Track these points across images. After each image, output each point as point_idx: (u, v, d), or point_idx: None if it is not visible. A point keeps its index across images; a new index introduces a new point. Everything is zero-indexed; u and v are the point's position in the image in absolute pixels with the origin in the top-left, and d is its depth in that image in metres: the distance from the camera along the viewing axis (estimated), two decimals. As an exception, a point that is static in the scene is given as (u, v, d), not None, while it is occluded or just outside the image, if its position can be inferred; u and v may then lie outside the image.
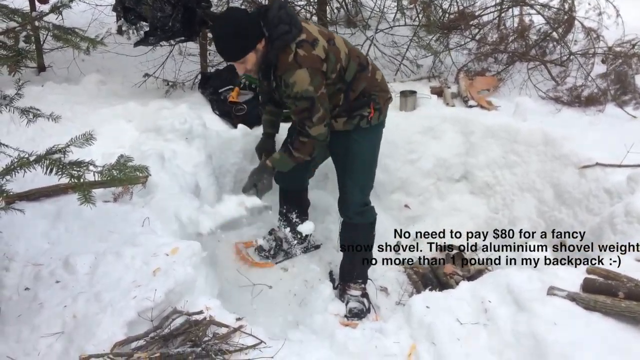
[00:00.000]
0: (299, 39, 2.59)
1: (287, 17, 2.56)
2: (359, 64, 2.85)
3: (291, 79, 2.59)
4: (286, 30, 2.54)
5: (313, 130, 2.72)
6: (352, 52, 2.84)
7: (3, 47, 2.11)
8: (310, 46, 2.60)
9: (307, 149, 2.81)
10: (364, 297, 3.19)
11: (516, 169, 3.80)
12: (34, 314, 2.21)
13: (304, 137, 2.76)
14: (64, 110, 3.58)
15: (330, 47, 2.69)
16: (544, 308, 2.14)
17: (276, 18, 2.54)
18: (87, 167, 1.73)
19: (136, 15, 4.07)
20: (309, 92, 2.61)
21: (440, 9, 5.39)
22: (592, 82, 4.50)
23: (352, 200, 3.05)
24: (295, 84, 2.59)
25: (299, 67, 2.57)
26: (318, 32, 2.70)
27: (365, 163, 3.03)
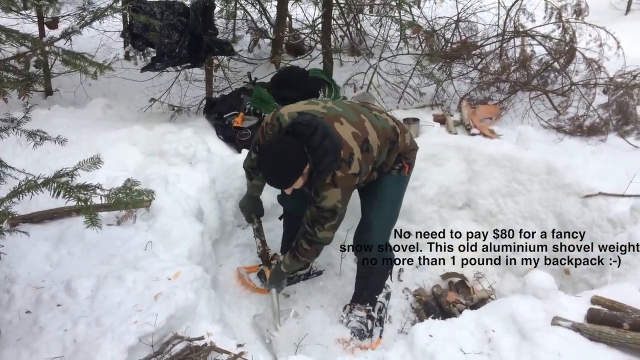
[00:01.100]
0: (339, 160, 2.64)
1: (332, 147, 2.58)
2: (390, 144, 2.89)
3: (324, 193, 2.65)
4: (332, 160, 2.58)
5: (321, 234, 2.78)
6: (382, 137, 2.83)
7: (13, 71, 2.14)
8: (347, 165, 2.62)
9: (311, 254, 2.92)
10: (368, 319, 3.18)
11: (519, 197, 3.80)
12: (34, 338, 2.19)
13: (307, 244, 2.84)
14: (69, 133, 3.61)
15: (364, 154, 2.70)
16: (549, 338, 2.12)
17: (322, 149, 2.56)
18: (94, 190, 1.73)
19: (144, 42, 4.14)
20: (336, 208, 2.69)
21: (442, 39, 5.47)
22: (594, 112, 4.53)
23: (377, 236, 3.07)
24: (326, 198, 2.66)
25: (334, 186, 2.63)
26: (352, 138, 2.68)
27: (394, 205, 3.12)
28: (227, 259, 3.65)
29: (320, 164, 2.58)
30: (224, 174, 3.72)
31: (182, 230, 2.95)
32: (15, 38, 2.13)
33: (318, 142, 2.56)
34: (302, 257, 2.92)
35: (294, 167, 2.60)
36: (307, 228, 2.80)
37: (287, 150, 2.60)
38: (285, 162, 2.60)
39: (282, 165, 2.60)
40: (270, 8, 6.32)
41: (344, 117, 2.75)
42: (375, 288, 3.27)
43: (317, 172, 2.61)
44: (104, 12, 1.93)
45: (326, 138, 2.57)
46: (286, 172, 2.62)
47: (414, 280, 3.81)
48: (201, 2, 4.17)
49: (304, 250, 2.87)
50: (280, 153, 2.60)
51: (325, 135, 2.57)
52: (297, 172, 2.61)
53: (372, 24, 6.35)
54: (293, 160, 2.59)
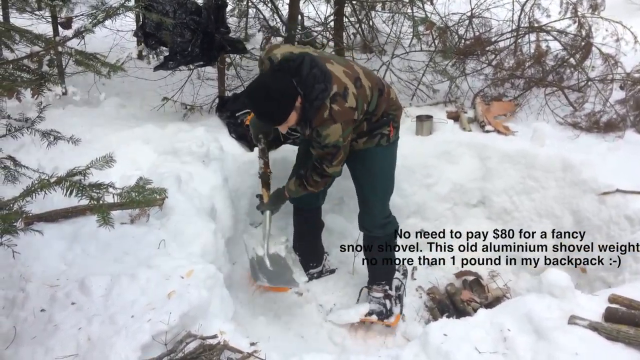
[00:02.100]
0: (332, 92, 2.64)
1: (322, 75, 2.60)
2: (378, 90, 2.91)
3: (325, 132, 2.67)
4: (322, 88, 2.59)
5: (330, 169, 2.82)
6: (372, 81, 2.89)
7: (27, 71, 2.15)
8: (342, 99, 2.65)
9: (320, 185, 2.95)
10: (386, 299, 3.26)
11: (534, 194, 3.76)
12: (48, 336, 2.20)
13: (318, 176, 2.88)
14: (83, 132, 3.63)
15: (358, 90, 2.74)
16: (565, 337, 2.09)
17: (311, 77, 2.57)
18: (107, 189, 1.74)
19: (156, 41, 4.14)
20: (338, 142, 2.71)
21: (456, 35, 5.42)
22: (611, 108, 4.46)
23: (376, 214, 3.16)
24: (328, 136, 2.68)
25: (334, 121, 2.65)
26: (344, 75, 2.73)
27: (386, 177, 3.15)
28: (240, 257, 3.65)
29: (311, 92, 2.58)
30: (236, 172, 3.73)
31: (195, 229, 2.95)
32: (29, 38, 2.14)
33: (306, 72, 2.57)
34: (310, 187, 2.95)
35: (285, 100, 2.60)
36: (316, 164, 2.84)
37: (275, 83, 2.60)
38: (275, 96, 2.59)
39: (273, 99, 2.60)
40: (282, 6, 6.29)
41: (334, 59, 2.82)
42: (387, 261, 3.31)
43: (309, 102, 2.61)
44: (116, 10, 1.93)
45: (314, 67, 2.59)
46: (277, 106, 2.61)
47: (427, 278, 3.79)
48: (213, 1, 4.17)
49: (313, 181, 2.91)
50: (270, 87, 2.60)
51: (313, 65, 2.59)
52: (288, 105, 2.61)
53: (384, 21, 6.30)
54: (283, 93, 2.59)
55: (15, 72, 2.08)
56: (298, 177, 3.00)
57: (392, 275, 3.35)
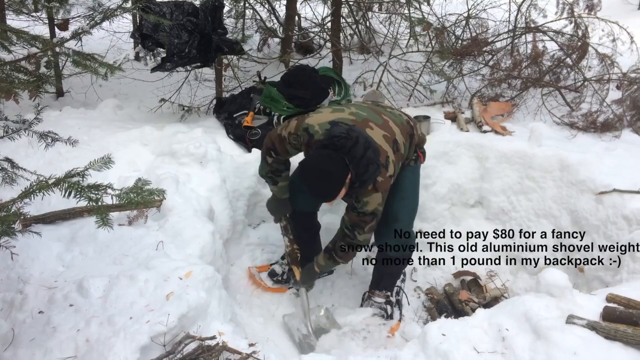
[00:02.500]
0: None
1: (374, 156, 2.61)
2: (409, 138, 2.97)
3: (365, 199, 2.72)
4: (375, 169, 2.62)
5: (361, 237, 2.85)
6: (404, 132, 2.93)
7: (24, 72, 2.15)
8: (385, 169, 2.70)
9: (349, 256, 3.03)
10: (387, 305, 3.28)
11: (532, 194, 3.76)
12: (47, 338, 2.20)
13: (347, 246, 2.92)
14: (80, 134, 3.64)
15: (396, 154, 2.80)
16: (564, 337, 2.09)
17: (365, 160, 2.58)
18: (105, 190, 1.73)
19: (154, 42, 4.14)
20: (377, 211, 2.76)
21: (453, 36, 5.44)
22: (608, 108, 4.47)
23: (402, 230, 3.13)
24: (368, 203, 2.72)
25: (376, 191, 2.70)
26: (384, 140, 2.76)
27: (415, 194, 3.21)
28: (238, 259, 3.65)
29: (364, 174, 2.60)
30: (234, 174, 3.72)
31: (193, 230, 2.95)
32: (26, 39, 2.14)
33: (361, 154, 2.57)
34: (339, 259, 3.01)
35: (339, 180, 2.61)
36: (347, 232, 2.87)
37: (331, 164, 2.60)
38: (330, 176, 2.61)
39: (327, 179, 2.62)
40: (279, 7, 6.31)
41: (372, 121, 2.82)
42: (395, 274, 3.36)
43: (360, 182, 2.63)
44: (114, 12, 1.93)
45: (368, 149, 2.60)
46: (331, 185, 2.63)
47: (426, 278, 3.79)
48: (210, 2, 4.17)
49: (342, 252, 2.96)
50: (325, 167, 2.60)
51: (367, 146, 2.60)
52: (341, 185, 2.63)
53: (381, 22, 6.32)
54: (337, 173, 2.60)
55: (12, 73, 2.08)
56: (326, 251, 3.06)
57: (395, 284, 3.37)
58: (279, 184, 3.18)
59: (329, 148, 2.61)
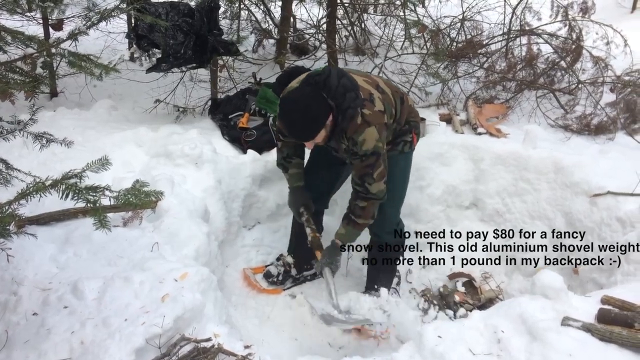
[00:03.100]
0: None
1: (350, 84, 2.59)
2: (399, 98, 2.93)
3: (361, 137, 2.65)
4: (354, 97, 2.58)
5: (373, 187, 2.77)
6: (391, 88, 2.93)
7: (20, 73, 2.14)
8: (370, 103, 2.66)
9: (369, 212, 2.87)
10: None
11: (526, 196, 3.78)
12: (41, 340, 2.19)
13: (363, 201, 2.82)
14: (75, 135, 3.61)
15: (382, 95, 2.77)
16: (559, 339, 2.10)
17: (341, 87, 2.56)
18: (103, 192, 1.73)
19: (149, 42, 4.12)
20: (377, 148, 2.68)
21: (448, 38, 5.45)
22: (602, 111, 4.50)
23: (388, 220, 3.16)
24: (365, 141, 2.65)
25: (368, 125, 2.64)
26: (365, 83, 2.76)
27: (403, 184, 3.18)
28: (233, 260, 3.64)
29: (343, 102, 2.56)
30: (229, 175, 3.71)
31: (188, 231, 2.94)
32: (21, 40, 2.13)
33: (336, 82, 2.55)
34: (359, 220, 2.87)
35: (318, 114, 2.57)
36: (358, 188, 2.81)
37: (308, 97, 2.56)
38: (308, 110, 2.55)
39: (305, 112, 2.56)
40: (274, 8, 6.30)
41: (352, 72, 2.80)
42: (389, 273, 3.35)
43: (342, 113, 2.58)
44: (110, 12, 1.92)
45: (342, 77, 2.58)
46: (309, 120, 2.58)
47: (420, 280, 3.79)
48: (206, 3, 4.16)
49: (360, 209, 2.84)
50: (302, 100, 2.56)
51: (341, 75, 2.58)
52: (320, 120, 2.58)
53: (376, 24, 6.32)
54: (316, 107, 2.56)
55: (7, 74, 2.06)
56: (344, 219, 2.95)
57: (390, 284, 3.35)
58: (290, 170, 3.12)
59: (304, 85, 2.61)
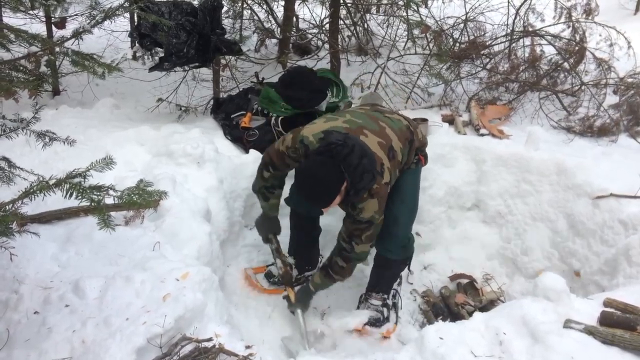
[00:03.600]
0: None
1: (369, 165, 2.59)
2: (408, 144, 2.94)
3: (360, 205, 2.69)
4: (370, 178, 2.60)
5: (359, 248, 2.80)
6: (402, 138, 2.90)
7: (23, 71, 2.13)
8: (380, 176, 2.68)
9: (346, 272, 2.94)
10: (383, 307, 3.26)
11: (528, 198, 3.77)
12: (42, 339, 2.18)
13: (343, 261, 2.86)
14: (77, 133, 3.61)
15: (391, 162, 2.77)
16: (561, 341, 2.09)
17: (360, 168, 2.55)
18: (107, 191, 1.72)
19: (152, 41, 4.12)
20: (373, 219, 2.72)
21: (451, 39, 5.44)
22: (605, 113, 4.49)
23: (401, 235, 3.13)
24: (363, 210, 2.69)
25: (371, 197, 2.68)
26: (379, 147, 2.73)
27: (415, 197, 3.19)
28: (234, 260, 3.64)
29: (360, 182, 2.58)
30: (231, 174, 3.71)
31: (190, 231, 2.94)
32: (25, 38, 2.13)
33: (356, 162, 2.54)
34: (336, 275, 2.94)
35: (334, 187, 2.58)
36: (343, 244, 2.83)
37: (325, 170, 2.57)
38: (324, 182, 2.58)
39: (322, 185, 2.59)
40: (277, 8, 6.30)
41: (366, 128, 2.79)
42: (393, 278, 3.35)
43: (355, 190, 2.61)
44: (115, 11, 1.92)
45: (364, 157, 2.57)
46: (326, 192, 2.60)
47: (422, 281, 3.79)
48: (209, 2, 4.16)
49: (339, 267, 2.90)
50: (319, 173, 2.58)
51: (363, 155, 2.58)
52: (336, 192, 2.60)
53: (379, 24, 6.32)
54: (332, 180, 2.57)
55: (11, 72, 2.06)
56: (322, 269, 3.01)
57: (392, 287, 3.36)
58: (270, 200, 3.17)
59: (325, 155, 2.58)
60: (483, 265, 3.88)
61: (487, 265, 3.89)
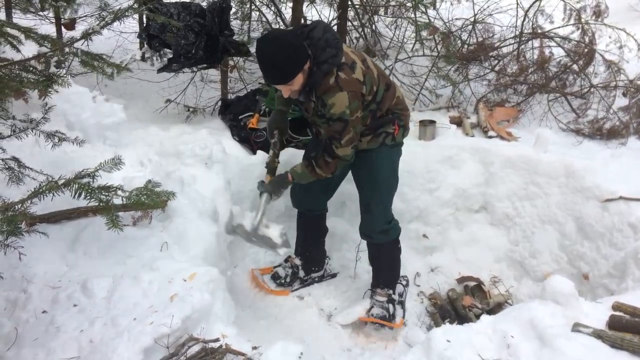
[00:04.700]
0: (341, 61, 2.60)
1: (334, 41, 2.55)
2: (385, 84, 2.87)
3: (330, 100, 2.59)
4: (333, 54, 2.53)
5: (340, 151, 2.71)
6: (379, 71, 2.86)
7: (33, 72, 2.15)
8: (350, 69, 2.60)
9: (330, 168, 2.80)
10: (389, 303, 3.23)
11: (537, 200, 3.75)
12: (50, 338, 2.19)
13: (329, 157, 2.75)
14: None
15: (366, 69, 2.70)
16: (569, 345, 2.07)
17: (323, 40, 2.52)
18: (116, 192, 1.73)
19: (160, 43, 4.15)
20: (344, 115, 2.60)
21: (459, 40, 5.43)
22: (614, 115, 4.46)
23: (377, 219, 3.08)
24: (334, 105, 2.59)
25: (340, 89, 2.57)
26: (352, 53, 2.71)
27: (389, 180, 3.08)
28: (241, 261, 3.65)
29: (321, 55, 2.51)
30: (239, 175, 3.72)
31: (197, 231, 2.94)
32: (35, 39, 2.14)
33: (320, 35, 2.52)
34: (318, 170, 2.81)
35: (294, 58, 2.49)
36: (326, 146, 2.74)
37: (287, 39, 2.51)
38: (284, 51, 2.47)
39: (282, 54, 2.47)
40: (285, 9, 6.31)
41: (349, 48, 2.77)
42: (391, 267, 3.29)
43: (317, 65, 2.53)
44: (124, 12, 1.93)
45: (327, 32, 2.54)
46: (286, 62, 2.50)
47: (429, 283, 3.78)
48: (218, 3, 4.17)
49: (324, 161, 2.77)
50: (280, 41, 2.50)
51: (327, 30, 2.55)
52: (297, 65, 2.50)
53: (387, 25, 6.31)
54: (293, 50, 2.48)
55: (21, 72, 2.07)
56: (306, 159, 2.89)
57: (396, 280, 3.33)
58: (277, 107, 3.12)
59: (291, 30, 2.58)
60: (490, 268, 3.87)
61: (494, 267, 3.87)
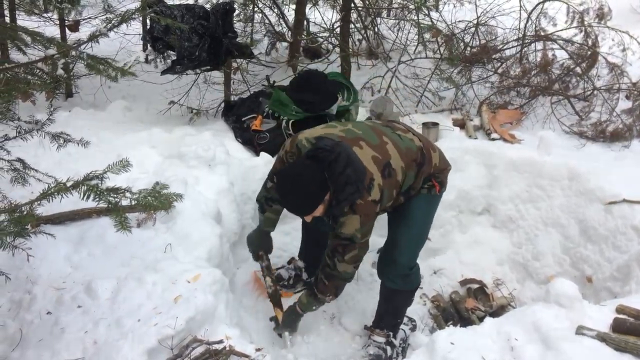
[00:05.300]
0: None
1: (355, 176, 2.42)
2: (417, 166, 2.72)
3: (342, 219, 2.52)
4: (353, 191, 2.43)
5: (340, 266, 2.63)
6: (407, 159, 2.67)
7: (39, 74, 2.16)
8: (367, 192, 2.48)
9: (331, 290, 2.75)
10: (387, 345, 3.04)
11: (540, 203, 3.75)
12: (55, 339, 2.20)
13: (327, 278, 2.70)
14: (89, 135, 3.61)
15: (385, 180, 2.55)
16: (573, 348, 2.07)
17: (344, 177, 2.41)
18: (124, 193, 1.74)
19: (164, 45, 4.16)
20: (354, 238, 2.54)
21: (462, 42, 5.43)
22: (617, 118, 4.46)
23: (402, 262, 2.90)
24: (344, 225, 2.52)
25: (353, 213, 2.49)
26: (372, 162, 2.53)
27: (423, 226, 2.95)
28: (244, 262, 3.64)
29: (341, 192, 2.43)
30: (242, 177, 3.73)
31: (201, 233, 2.95)
32: (40, 42, 2.15)
33: (340, 170, 2.40)
34: (320, 295, 2.76)
35: (315, 194, 2.45)
36: (327, 260, 2.67)
37: (308, 176, 2.44)
38: (306, 189, 2.44)
39: (303, 191, 2.45)
40: (288, 11, 6.33)
41: (364, 140, 2.61)
42: (397, 313, 3.10)
43: (337, 201, 2.46)
44: (131, 14, 1.94)
45: (349, 166, 2.42)
46: (307, 199, 2.47)
47: (432, 286, 3.77)
48: (221, 6, 4.19)
49: (323, 286, 2.72)
50: (301, 178, 2.44)
51: (348, 163, 2.43)
52: (318, 200, 2.46)
53: (390, 28, 6.33)
54: (314, 187, 2.43)
55: (27, 75, 2.09)
56: (309, 288, 2.85)
57: (398, 325, 3.13)
58: (267, 213, 3.01)
59: (310, 159, 2.46)
60: (494, 270, 3.86)
61: (497, 270, 3.87)
